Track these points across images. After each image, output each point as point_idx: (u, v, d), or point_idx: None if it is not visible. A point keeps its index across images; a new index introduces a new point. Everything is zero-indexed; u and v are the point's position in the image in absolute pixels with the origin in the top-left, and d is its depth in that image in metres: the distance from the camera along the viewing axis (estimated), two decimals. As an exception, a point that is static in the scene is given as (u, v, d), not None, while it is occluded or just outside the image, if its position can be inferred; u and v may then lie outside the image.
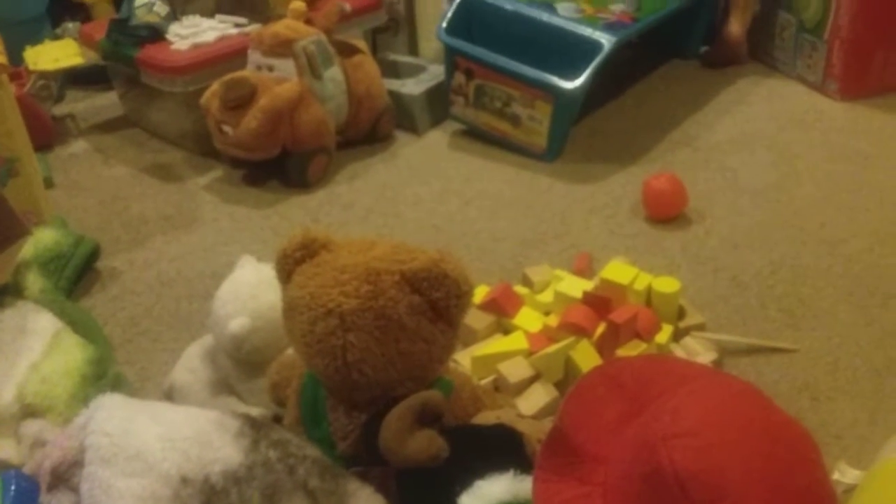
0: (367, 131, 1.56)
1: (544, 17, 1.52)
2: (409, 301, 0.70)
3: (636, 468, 0.56)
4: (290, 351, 0.84)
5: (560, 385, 0.96)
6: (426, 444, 0.70)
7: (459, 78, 1.54)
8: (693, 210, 1.31)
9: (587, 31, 1.48)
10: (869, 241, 1.23)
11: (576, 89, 1.42)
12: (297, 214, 1.39)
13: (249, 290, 0.91)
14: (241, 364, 0.94)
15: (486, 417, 0.77)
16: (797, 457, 0.57)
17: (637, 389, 0.63)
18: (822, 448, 0.63)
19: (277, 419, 0.87)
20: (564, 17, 1.52)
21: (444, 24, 1.55)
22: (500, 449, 0.72)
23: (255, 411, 0.92)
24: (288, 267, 0.74)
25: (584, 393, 0.65)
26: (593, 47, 1.45)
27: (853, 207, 1.31)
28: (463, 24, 1.55)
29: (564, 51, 1.46)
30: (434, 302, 0.71)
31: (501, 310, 1.05)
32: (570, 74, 1.42)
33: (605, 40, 1.45)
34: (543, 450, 0.65)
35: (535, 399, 0.95)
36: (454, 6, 1.57)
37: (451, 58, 1.54)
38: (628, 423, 0.61)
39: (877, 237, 1.23)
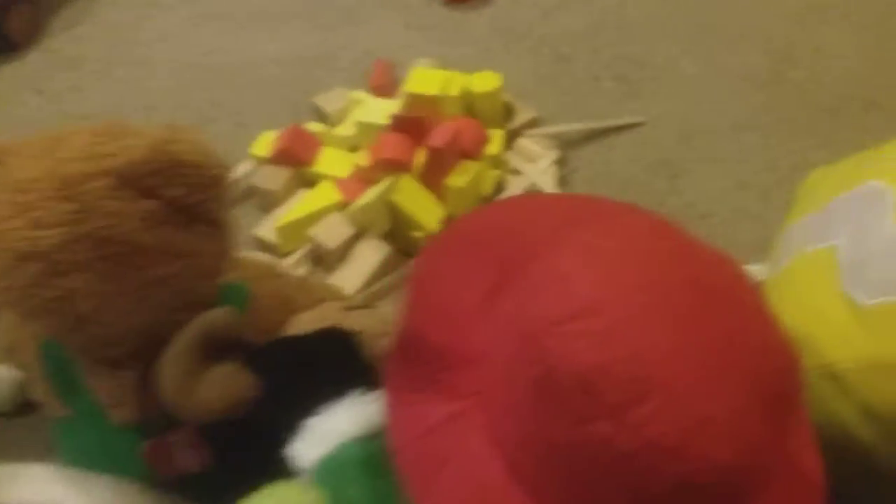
0: (73, -41, 1.20)
1: None
2: (138, 211, 0.47)
3: (521, 370, 0.39)
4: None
5: (390, 237, 0.78)
6: (225, 386, 0.51)
7: None
8: (495, -22, 1.10)
9: None
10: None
11: None
12: (10, 89, 1.06)
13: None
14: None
15: (303, 321, 0.58)
16: (738, 311, 0.40)
17: (504, 249, 0.44)
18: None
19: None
20: None
21: None
22: (333, 365, 0.54)
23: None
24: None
25: (434, 270, 0.46)
26: None
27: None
28: None
29: None
30: (176, 202, 0.48)
31: (297, 158, 0.84)
32: None
33: None
34: (392, 361, 0.47)
35: (364, 261, 0.77)
36: None
37: None
38: (498, 300, 0.43)
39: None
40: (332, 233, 0.78)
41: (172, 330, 0.52)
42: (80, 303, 0.48)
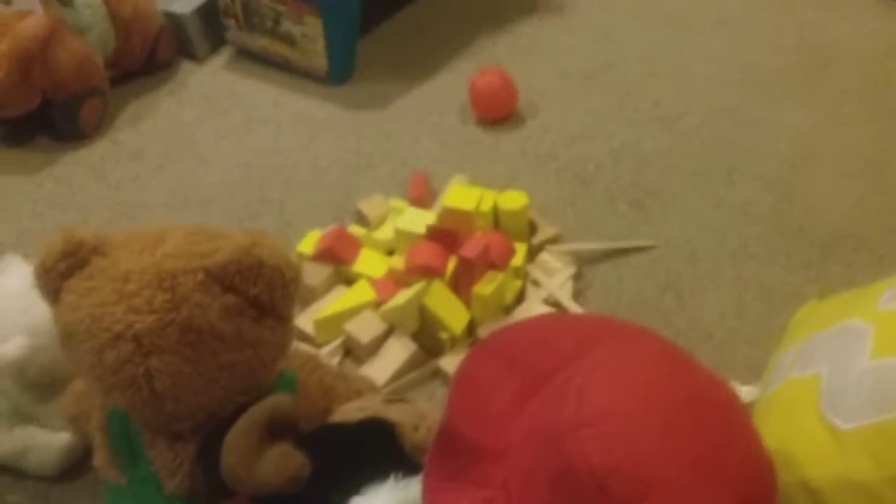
0: (142, 60, 1.32)
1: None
2: (221, 304, 0.55)
3: (543, 467, 0.47)
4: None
5: (418, 336, 0.86)
6: (283, 464, 0.57)
7: (226, -6, 1.31)
8: (525, 105, 1.21)
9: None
10: (703, 113, 1.18)
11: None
12: (76, 175, 1.17)
13: (19, 302, 0.73)
14: (31, 388, 0.76)
15: (346, 411, 0.65)
16: (728, 425, 0.48)
17: (531, 362, 0.52)
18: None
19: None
20: None
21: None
22: (374, 451, 0.60)
23: (63, 437, 0.77)
24: (52, 283, 0.57)
25: (471, 377, 0.54)
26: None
27: (682, 78, 1.26)
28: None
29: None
30: (254, 298, 0.56)
31: (338, 258, 0.92)
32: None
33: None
34: (432, 452, 0.53)
35: (392, 357, 0.84)
36: None
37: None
38: (525, 406, 0.51)
39: (710, 108, 1.19)
40: (365, 328, 0.85)
41: (231, 410, 0.59)
42: (159, 381, 0.56)
